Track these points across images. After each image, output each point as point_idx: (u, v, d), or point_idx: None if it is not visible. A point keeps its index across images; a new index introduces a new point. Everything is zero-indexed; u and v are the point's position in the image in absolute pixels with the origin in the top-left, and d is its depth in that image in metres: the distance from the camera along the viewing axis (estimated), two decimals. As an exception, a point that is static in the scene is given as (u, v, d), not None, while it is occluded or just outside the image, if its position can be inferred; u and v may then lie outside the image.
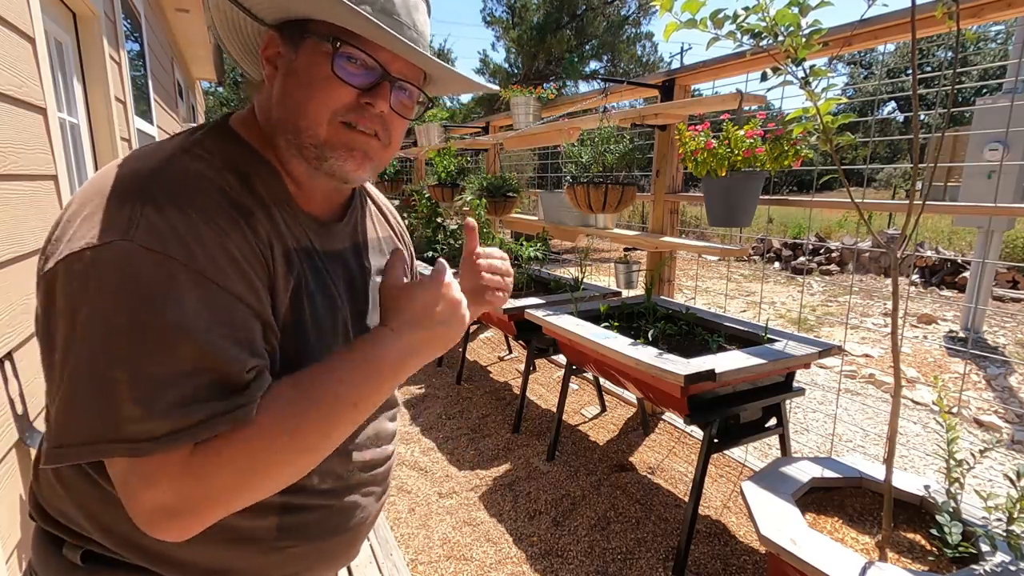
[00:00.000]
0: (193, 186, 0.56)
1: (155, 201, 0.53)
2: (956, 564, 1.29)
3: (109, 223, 0.51)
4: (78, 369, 0.49)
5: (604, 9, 17.47)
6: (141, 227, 0.51)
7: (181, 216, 0.53)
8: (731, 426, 1.98)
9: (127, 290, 0.49)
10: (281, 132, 0.64)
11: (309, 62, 0.61)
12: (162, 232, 0.51)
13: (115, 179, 0.55)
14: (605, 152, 2.68)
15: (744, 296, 6.98)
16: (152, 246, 0.50)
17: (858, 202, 1.37)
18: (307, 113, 0.61)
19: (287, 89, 0.62)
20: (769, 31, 1.15)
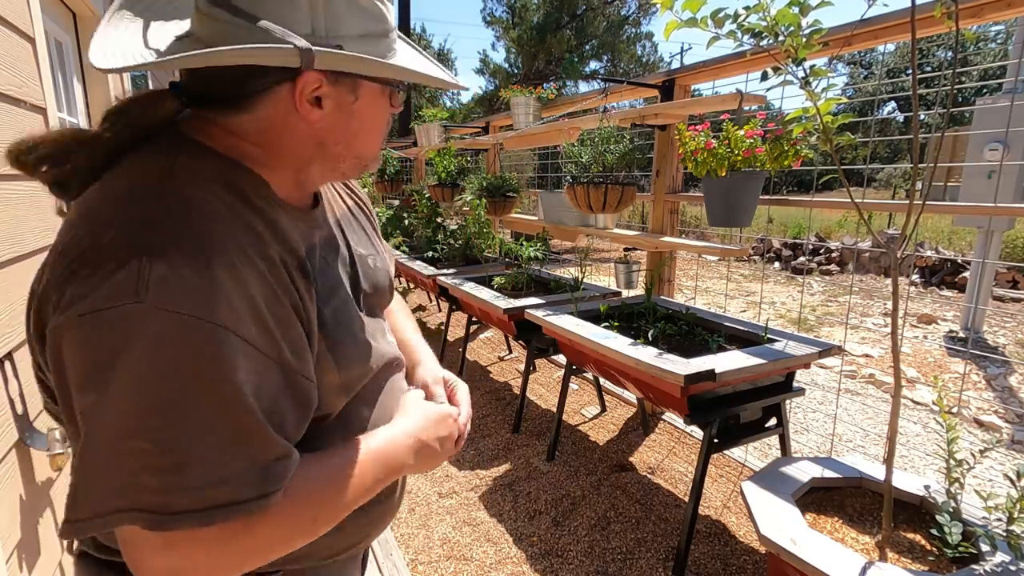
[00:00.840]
0: (196, 225, 0.52)
1: (160, 252, 0.48)
2: (956, 564, 1.29)
3: (115, 283, 0.47)
4: (94, 439, 0.47)
5: (604, 9, 17.48)
6: (152, 285, 0.47)
7: (192, 266, 0.49)
8: (731, 426, 1.98)
9: (145, 358, 0.46)
10: (336, 160, 0.66)
11: (372, 106, 0.64)
12: (174, 288, 0.48)
13: (107, 228, 0.50)
14: (605, 152, 2.68)
15: (744, 296, 6.98)
16: (166, 306, 0.47)
17: (858, 202, 1.37)
18: (373, 149, 0.68)
19: (352, 130, 0.64)
20: (770, 31, 1.15)
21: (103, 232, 0.50)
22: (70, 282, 0.48)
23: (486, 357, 4.26)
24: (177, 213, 0.52)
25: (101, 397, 0.46)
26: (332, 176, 0.71)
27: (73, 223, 0.53)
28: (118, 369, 0.46)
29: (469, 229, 4.00)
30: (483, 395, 3.49)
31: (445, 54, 22.86)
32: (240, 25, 0.54)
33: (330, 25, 0.57)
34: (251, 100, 0.59)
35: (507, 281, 3.26)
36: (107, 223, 0.51)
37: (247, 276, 0.53)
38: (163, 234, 0.50)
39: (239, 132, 0.62)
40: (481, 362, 4.15)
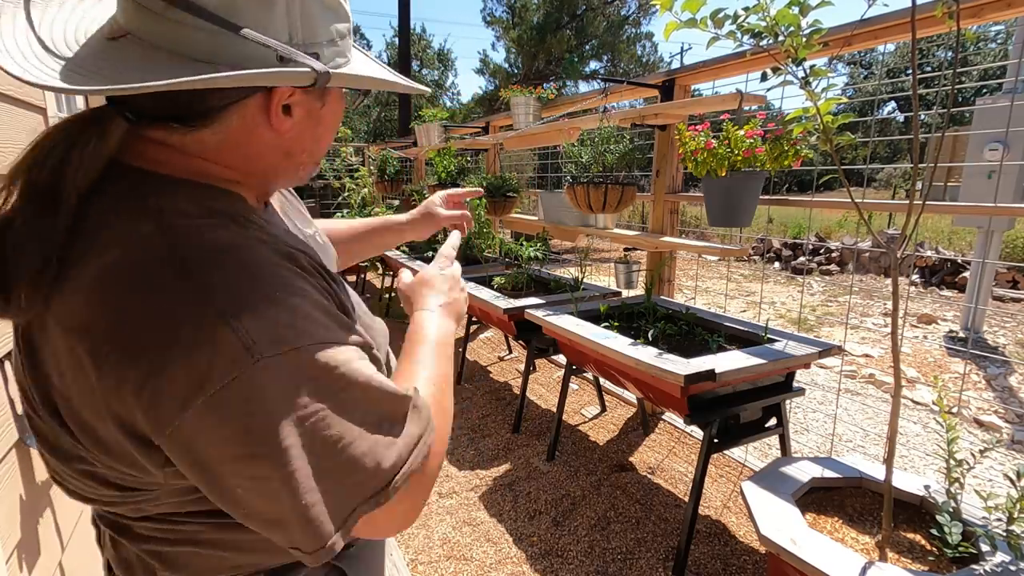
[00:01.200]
0: (247, 264, 0.50)
1: (237, 307, 0.47)
2: (956, 564, 1.29)
3: (220, 355, 0.45)
4: (297, 490, 0.47)
5: (604, 9, 17.48)
6: (255, 339, 0.46)
7: (270, 303, 0.49)
8: (731, 426, 1.98)
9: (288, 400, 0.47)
10: (292, 169, 0.63)
11: (334, 110, 0.63)
12: (274, 332, 0.47)
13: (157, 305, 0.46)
14: (605, 152, 2.68)
15: (744, 296, 6.98)
16: (279, 350, 0.47)
17: (858, 202, 1.37)
18: (319, 154, 0.65)
19: (316, 136, 0.62)
20: (769, 31, 1.15)
21: (159, 311, 0.46)
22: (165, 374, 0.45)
23: (486, 357, 4.26)
24: (221, 265, 0.49)
25: (276, 454, 0.46)
26: (294, 182, 0.67)
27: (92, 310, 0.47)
28: (279, 424, 0.47)
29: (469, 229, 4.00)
30: (483, 395, 3.49)
31: (445, 54, 22.87)
32: (217, 32, 0.48)
33: (306, 31, 0.53)
34: (215, 114, 0.53)
35: (507, 281, 3.26)
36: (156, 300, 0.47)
37: (310, 291, 0.54)
38: (225, 290, 0.48)
39: (197, 151, 0.55)
40: (481, 362, 4.15)
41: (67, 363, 0.48)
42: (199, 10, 0.47)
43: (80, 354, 0.47)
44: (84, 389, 0.48)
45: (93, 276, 0.48)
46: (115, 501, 0.56)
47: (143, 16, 0.48)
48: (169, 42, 0.49)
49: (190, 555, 0.60)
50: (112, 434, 0.48)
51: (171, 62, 0.48)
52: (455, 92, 22.77)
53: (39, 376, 0.51)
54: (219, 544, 0.59)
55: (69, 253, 0.49)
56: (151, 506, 0.56)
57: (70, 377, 0.48)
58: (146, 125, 0.53)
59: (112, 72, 0.47)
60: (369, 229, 1.12)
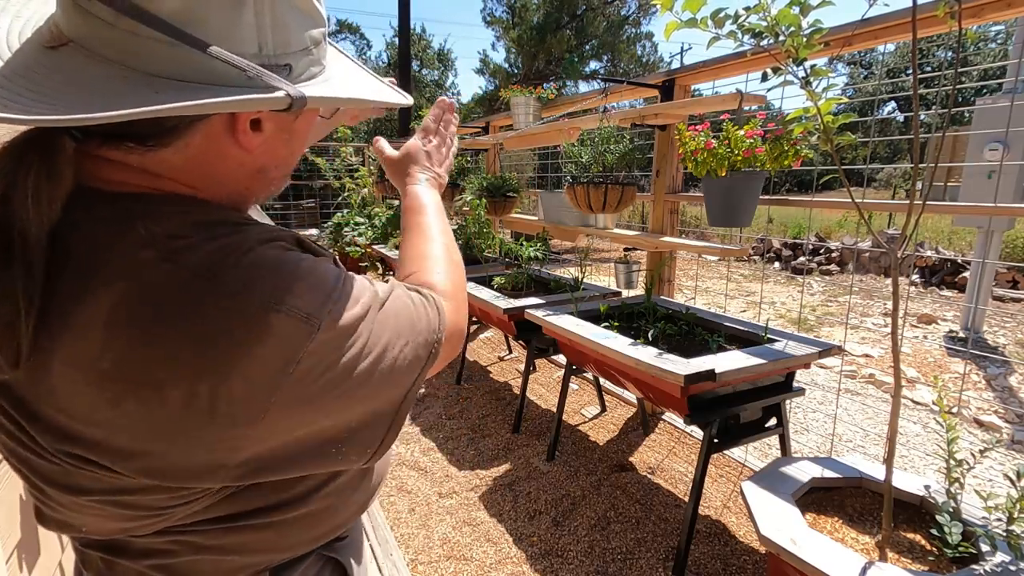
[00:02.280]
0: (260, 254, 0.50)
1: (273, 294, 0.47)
2: (956, 564, 1.29)
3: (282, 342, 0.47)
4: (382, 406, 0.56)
5: (604, 9, 17.48)
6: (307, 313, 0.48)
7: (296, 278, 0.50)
8: (731, 426, 1.98)
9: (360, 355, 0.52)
10: (266, 185, 0.60)
11: (308, 121, 0.60)
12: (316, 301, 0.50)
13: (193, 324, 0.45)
14: (605, 152, 2.68)
15: (744, 296, 6.98)
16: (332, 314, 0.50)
17: (858, 202, 1.37)
18: (290, 168, 0.64)
19: (287, 150, 0.59)
20: (770, 31, 1.15)
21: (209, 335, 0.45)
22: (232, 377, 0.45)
23: (486, 357, 4.26)
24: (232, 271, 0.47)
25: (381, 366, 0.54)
26: (265, 197, 0.64)
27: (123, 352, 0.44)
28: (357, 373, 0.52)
29: (469, 229, 4.00)
30: (483, 395, 3.49)
31: (445, 54, 22.86)
32: (176, 45, 0.42)
33: (278, 40, 0.48)
34: (176, 133, 0.48)
35: (507, 281, 3.26)
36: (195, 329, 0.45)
37: (318, 260, 0.55)
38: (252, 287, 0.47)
39: (162, 171, 0.50)
40: (481, 362, 4.15)
41: (91, 400, 0.45)
42: (154, 20, 0.41)
43: (118, 390, 0.45)
44: (136, 419, 0.45)
45: (108, 311, 0.44)
46: (130, 526, 0.54)
47: (91, 24, 0.42)
48: (122, 54, 0.42)
49: (194, 563, 0.58)
50: (181, 453, 0.47)
51: (125, 79, 0.42)
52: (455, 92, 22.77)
53: (42, 420, 0.47)
54: (224, 548, 0.58)
55: (58, 294, 0.45)
56: (164, 522, 0.54)
57: (102, 414, 0.45)
58: (97, 145, 0.47)
59: (55, 93, 0.40)
60: None
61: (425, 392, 3.53)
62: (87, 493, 0.50)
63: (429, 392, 3.53)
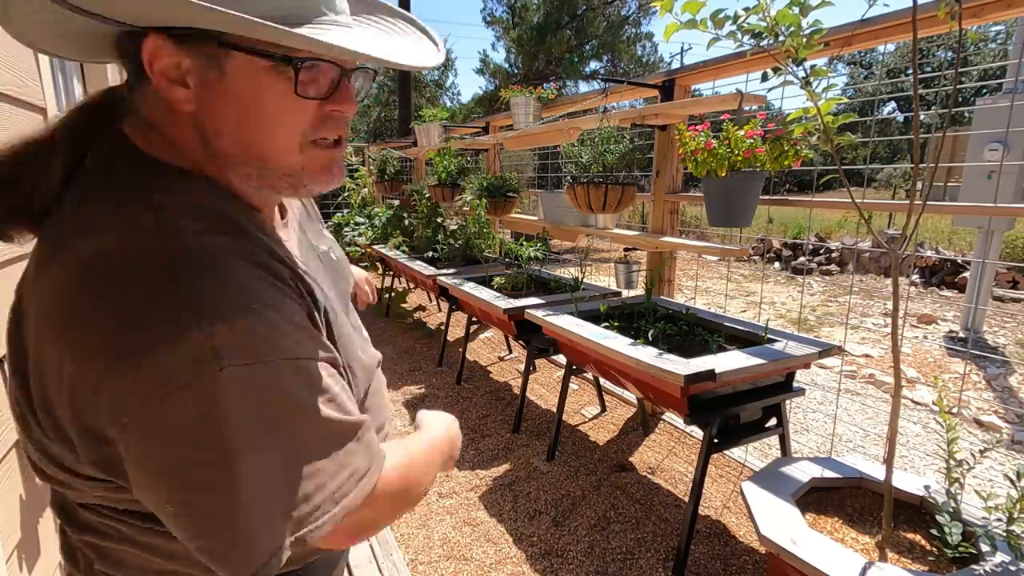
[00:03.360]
0: (232, 274, 0.50)
1: (214, 312, 0.46)
2: (956, 564, 1.29)
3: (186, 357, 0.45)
4: (240, 494, 0.47)
5: (604, 9, 17.47)
6: (225, 347, 0.46)
7: (247, 314, 0.48)
8: (731, 426, 1.98)
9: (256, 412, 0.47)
10: (238, 166, 0.55)
11: (252, 84, 0.50)
12: (245, 343, 0.47)
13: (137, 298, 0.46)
14: (605, 152, 2.68)
15: (744, 296, 6.98)
16: (247, 360, 0.47)
17: (858, 202, 1.37)
18: (275, 145, 0.54)
19: (230, 118, 0.52)
20: (770, 31, 1.15)
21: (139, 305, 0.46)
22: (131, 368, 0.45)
23: (486, 357, 4.26)
24: (207, 270, 0.48)
25: (226, 461, 0.46)
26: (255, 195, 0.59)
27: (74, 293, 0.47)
28: (234, 434, 0.46)
29: (469, 229, 4.00)
30: (483, 395, 3.49)
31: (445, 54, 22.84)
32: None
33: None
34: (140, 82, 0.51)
35: (507, 281, 3.26)
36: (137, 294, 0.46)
37: (288, 309, 0.53)
38: (206, 295, 0.47)
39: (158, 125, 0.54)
40: (481, 362, 4.14)
41: (36, 340, 0.49)
42: None
43: (49, 332, 0.47)
44: (51, 367, 0.47)
45: (83, 259, 0.47)
46: (63, 482, 0.55)
47: None
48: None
49: (124, 552, 0.58)
50: (66, 415, 0.48)
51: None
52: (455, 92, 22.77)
53: (18, 350, 0.52)
54: (148, 547, 0.58)
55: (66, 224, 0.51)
56: (88, 494, 0.55)
57: (38, 355, 0.49)
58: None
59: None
60: None
61: (425, 392, 3.54)
62: (29, 432, 0.55)
63: (429, 392, 3.53)
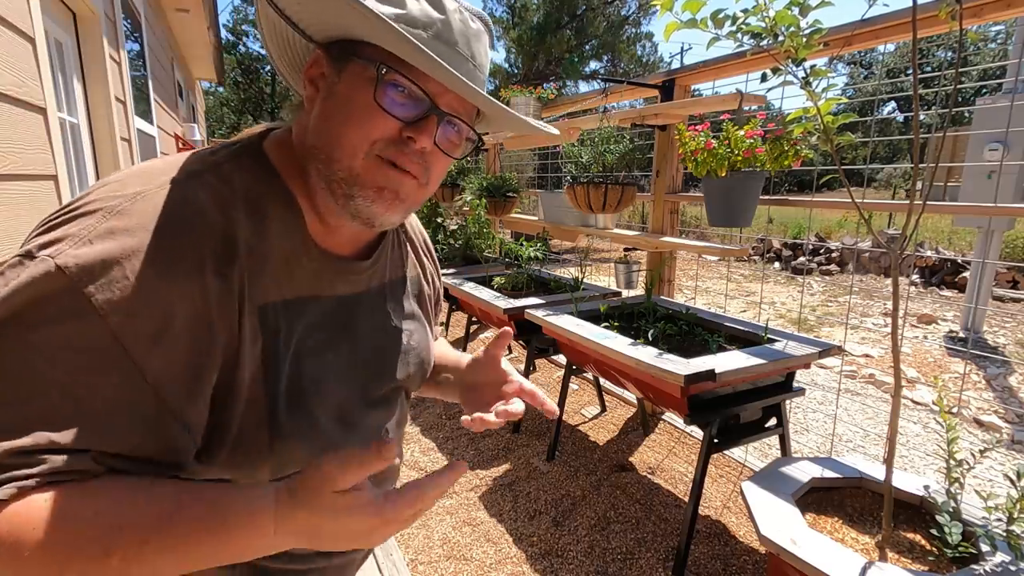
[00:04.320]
0: (170, 225, 0.49)
1: (113, 229, 0.47)
2: (956, 564, 1.29)
3: (54, 233, 0.47)
4: None
5: (604, 9, 17.48)
6: (80, 249, 0.45)
7: (133, 255, 0.46)
8: (731, 426, 1.98)
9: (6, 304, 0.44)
10: (313, 160, 0.59)
11: (352, 86, 0.56)
12: (95, 262, 0.45)
13: (105, 185, 0.52)
14: (605, 152, 2.68)
15: (744, 296, 6.98)
16: (70, 270, 0.44)
17: (858, 202, 1.37)
18: (342, 142, 0.56)
19: (325, 113, 0.57)
20: (769, 32, 1.15)
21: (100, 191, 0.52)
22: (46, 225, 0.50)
23: (486, 357, 4.26)
24: (158, 208, 0.50)
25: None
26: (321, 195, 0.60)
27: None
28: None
29: (469, 229, 4.00)
30: (483, 395, 3.49)
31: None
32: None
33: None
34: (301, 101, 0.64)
35: (507, 281, 3.26)
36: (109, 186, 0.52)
37: (179, 292, 0.49)
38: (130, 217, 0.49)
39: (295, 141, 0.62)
40: (481, 362, 4.14)
41: None
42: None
43: None
44: None
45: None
46: None
47: None
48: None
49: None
50: None
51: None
52: (455, 92, 22.68)
53: None
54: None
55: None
56: None
57: None
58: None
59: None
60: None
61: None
62: None
63: (429, 392, 3.53)
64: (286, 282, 0.59)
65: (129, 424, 0.47)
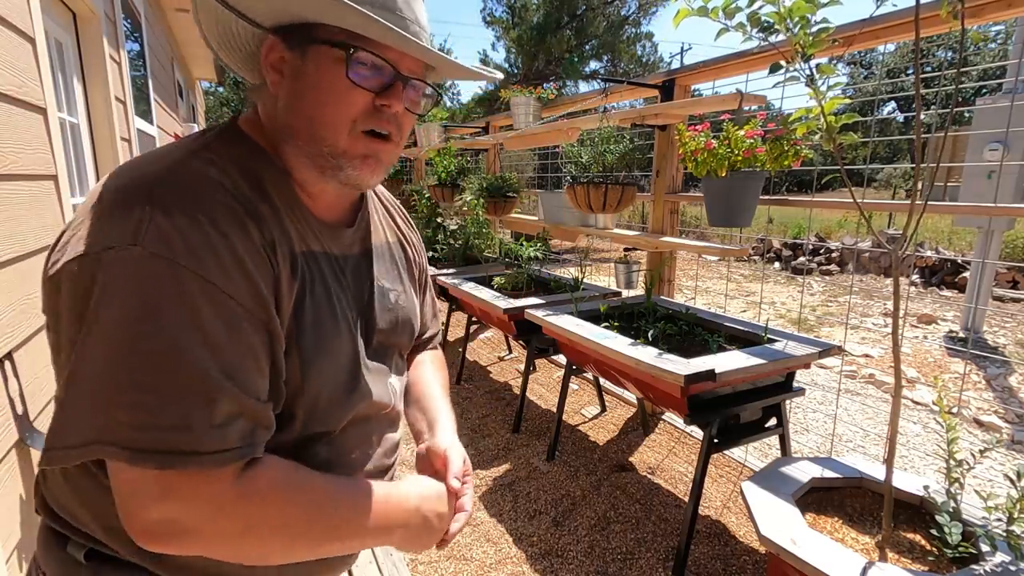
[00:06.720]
0: (201, 190, 0.56)
1: (163, 206, 0.52)
2: (956, 564, 1.29)
3: (117, 228, 0.51)
4: (78, 372, 0.48)
5: (604, 9, 17.47)
6: (150, 232, 0.50)
7: (190, 222, 0.53)
8: (731, 426, 1.98)
9: (135, 297, 0.49)
10: (290, 139, 0.64)
11: (321, 69, 0.60)
12: (171, 238, 0.51)
13: (123, 183, 0.55)
14: (605, 152, 2.68)
15: (744, 296, 6.98)
16: (162, 252, 0.50)
17: (859, 202, 1.37)
18: (325, 123, 0.61)
19: (299, 97, 0.61)
20: (781, 22, 1.13)
21: (120, 185, 0.55)
22: (82, 225, 0.53)
23: (486, 357, 4.26)
24: (185, 180, 0.56)
25: (90, 331, 0.49)
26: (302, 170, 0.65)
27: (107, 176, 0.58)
28: (108, 306, 0.49)
29: (469, 229, 3.99)
30: (483, 395, 3.49)
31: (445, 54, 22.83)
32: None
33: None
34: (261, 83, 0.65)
35: (507, 281, 3.26)
36: (125, 180, 0.55)
37: (237, 240, 0.55)
38: (168, 193, 0.54)
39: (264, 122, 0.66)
40: (481, 362, 4.14)
41: None
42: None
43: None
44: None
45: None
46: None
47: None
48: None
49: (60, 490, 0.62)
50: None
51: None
52: (455, 92, 22.73)
53: None
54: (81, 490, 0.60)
55: None
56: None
57: None
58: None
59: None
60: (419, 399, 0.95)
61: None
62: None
63: (429, 392, 3.53)
64: (298, 237, 0.65)
65: (257, 369, 0.56)
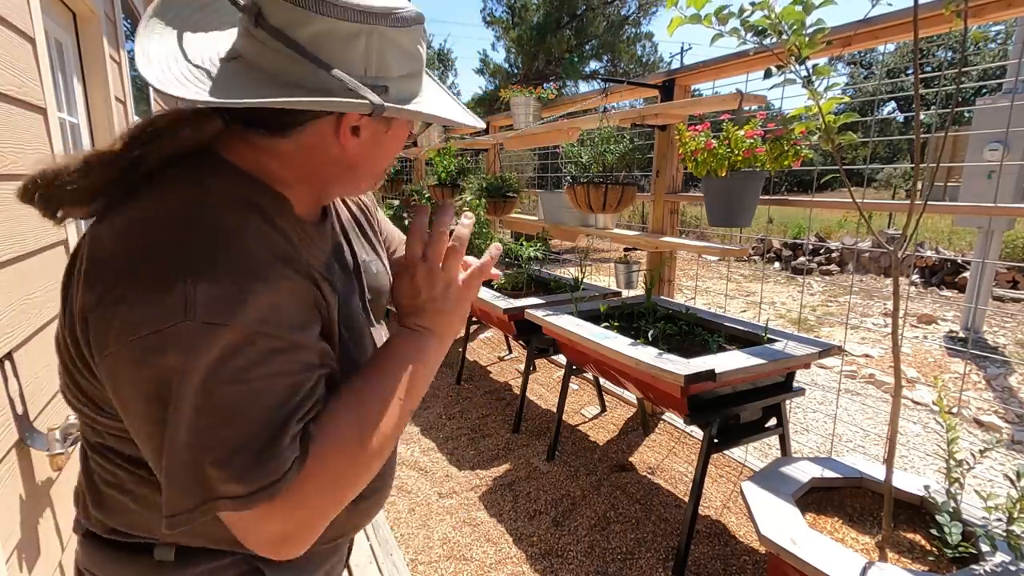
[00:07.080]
0: (235, 245, 0.57)
1: (203, 273, 0.53)
2: (956, 564, 1.29)
3: (164, 305, 0.51)
4: (172, 447, 0.52)
5: (604, 9, 17.47)
6: (199, 303, 0.52)
7: (232, 281, 0.54)
8: (731, 426, 1.98)
9: (197, 368, 0.51)
10: (351, 181, 0.69)
11: (398, 136, 0.68)
12: (218, 304, 0.52)
13: (155, 246, 0.54)
14: (605, 152, 2.68)
15: (744, 296, 6.98)
16: (214, 320, 0.52)
17: (859, 202, 1.37)
18: (377, 174, 0.71)
19: (376, 154, 0.68)
20: (773, 28, 1.14)
21: (148, 257, 0.54)
22: (120, 306, 0.52)
23: (486, 357, 4.26)
24: (214, 237, 0.56)
25: (169, 410, 0.52)
26: (352, 193, 0.76)
27: (108, 243, 0.56)
28: (179, 383, 0.51)
29: (469, 229, 3.99)
30: (483, 395, 3.49)
31: (445, 54, 22.85)
32: (303, 62, 0.57)
33: (379, 67, 0.60)
34: (294, 128, 0.62)
35: (507, 281, 3.26)
36: (150, 248, 0.54)
37: (283, 290, 0.58)
38: (204, 257, 0.54)
39: (273, 153, 0.65)
40: (481, 362, 4.14)
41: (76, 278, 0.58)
42: (293, 44, 0.57)
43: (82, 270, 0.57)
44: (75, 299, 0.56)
45: (127, 217, 0.57)
46: (82, 411, 0.63)
47: (253, 45, 0.59)
48: (268, 66, 0.59)
49: (115, 500, 0.65)
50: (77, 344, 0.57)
51: (266, 83, 0.58)
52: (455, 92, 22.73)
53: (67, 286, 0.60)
54: (140, 499, 0.64)
55: (129, 195, 0.59)
56: (101, 427, 0.62)
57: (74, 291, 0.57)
58: (241, 127, 0.63)
59: (222, 86, 0.58)
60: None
61: (425, 392, 3.54)
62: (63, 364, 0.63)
63: (429, 392, 3.53)
64: (312, 256, 0.68)
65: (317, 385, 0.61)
